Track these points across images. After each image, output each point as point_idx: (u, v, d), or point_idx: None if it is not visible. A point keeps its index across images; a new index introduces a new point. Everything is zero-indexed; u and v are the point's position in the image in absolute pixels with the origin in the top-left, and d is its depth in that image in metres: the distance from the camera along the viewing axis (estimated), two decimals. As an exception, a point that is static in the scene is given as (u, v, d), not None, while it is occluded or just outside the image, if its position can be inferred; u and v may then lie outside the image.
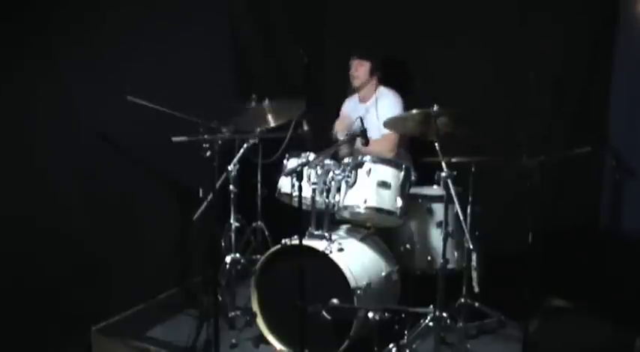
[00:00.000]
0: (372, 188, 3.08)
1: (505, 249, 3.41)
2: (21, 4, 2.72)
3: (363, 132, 3.09)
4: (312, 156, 3.22)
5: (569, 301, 3.31)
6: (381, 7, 3.98)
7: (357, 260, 3.04)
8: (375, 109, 3.64)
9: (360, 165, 3.12)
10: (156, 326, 3.41)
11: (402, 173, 3.13)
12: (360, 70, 3.71)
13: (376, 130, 3.56)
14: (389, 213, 3.09)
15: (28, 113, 2.83)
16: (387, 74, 3.78)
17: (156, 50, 3.41)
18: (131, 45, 3.25)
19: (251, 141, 3.28)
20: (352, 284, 2.86)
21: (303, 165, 2.77)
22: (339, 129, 3.76)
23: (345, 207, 3.12)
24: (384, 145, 3.58)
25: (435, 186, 3.38)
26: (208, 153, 2.83)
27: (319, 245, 2.98)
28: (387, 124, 3.23)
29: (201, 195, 3.10)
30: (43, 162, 2.90)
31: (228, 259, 3.45)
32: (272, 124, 3.51)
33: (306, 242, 2.96)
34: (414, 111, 3.03)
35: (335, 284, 2.88)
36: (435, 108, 2.93)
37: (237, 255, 3.49)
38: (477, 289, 3.08)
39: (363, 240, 3.25)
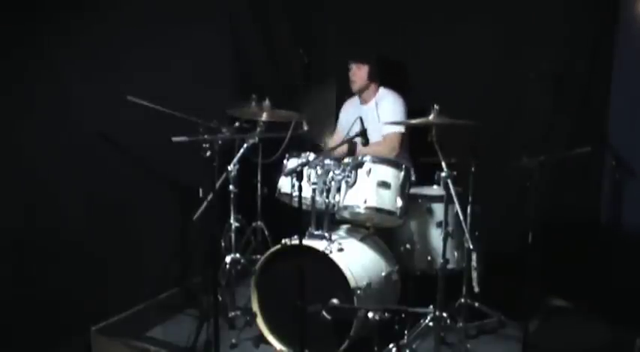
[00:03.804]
0: (372, 188, 3.08)
1: (505, 248, 3.41)
2: (21, 4, 2.72)
3: (364, 133, 3.09)
4: (312, 156, 3.22)
5: (569, 301, 3.32)
6: (380, 6, 3.98)
7: (357, 260, 3.04)
8: (376, 112, 3.64)
9: (360, 165, 3.12)
10: (156, 326, 3.42)
11: (402, 173, 3.13)
12: (358, 73, 3.68)
13: (377, 132, 3.56)
14: (389, 213, 3.09)
15: (27, 112, 2.82)
16: (387, 75, 3.77)
17: (156, 50, 3.40)
18: (131, 45, 3.24)
19: (251, 141, 3.27)
20: (352, 284, 2.86)
21: (303, 165, 2.77)
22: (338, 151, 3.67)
23: (345, 207, 3.12)
24: (384, 146, 3.58)
25: (435, 186, 3.38)
26: (208, 153, 2.83)
27: (319, 245, 2.98)
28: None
29: (201, 195, 3.10)
30: (43, 163, 2.89)
31: (228, 259, 3.45)
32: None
33: (306, 242, 2.96)
34: (413, 121, 3.09)
35: (335, 284, 2.88)
36: (434, 112, 2.95)
37: (237, 255, 3.48)
38: (477, 289, 3.09)
39: (363, 240, 3.25)
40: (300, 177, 2.58)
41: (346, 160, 3.21)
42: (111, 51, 3.14)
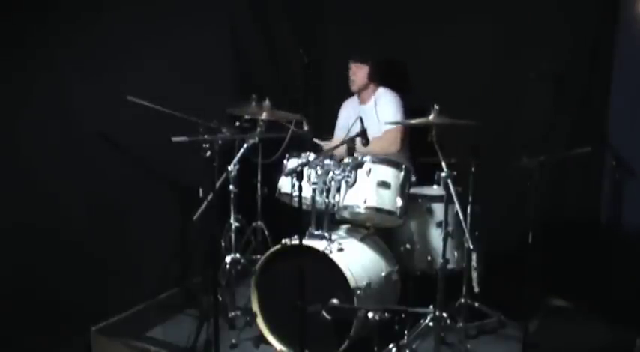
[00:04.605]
0: (372, 188, 3.08)
1: (505, 248, 3.41)
2: (20, 4, 2.72)
3: (364, 132, 3.09)
4: (312, 156, 3.22)
5: (569, 301, 3.31)
6: (380, 6, 3.98)
7: (357, 260, 3.04)
8: (374, 110, 3.65)
9: (360, 165, 3.12)
10: (156, 326, 3.42)
11: (402, 173, 3.13)
12: (358, 73, 3.71)
13: (377, 130, 3.56)
14: (389, 213, 3.09)
15: (26, 112, 2.82)
16: (387, 75, 3.78)
17: (156, 50, 3.41)
18: (132, 45, 3.24)
19: (251, 141, 3.27)
20: (352, 284, 2.86)
21: (303, 165, 2.77)
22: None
23: (345, 207, 3.12)
24: (385, 141, 3.58)
25: (435, 186, 3.38)
26: (208, 153, 2.83)
27: (319, 245, 2.98)
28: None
29: (201, 195, 3.10)
30: (42, 163, 2.89)
31: (228, 259, 3.45)
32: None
33: (306, 242, 2.96)
34: (413, 121, 3.10)
35: (335, 284, 2.88)
36: (434, 112, 2.95)
37: (237, 255, 3.48)
38: (477, 289, 3.09)
39: (363, 240, 3.25)
40: (300, 177, 2.57)
41: (346, 160, 3.20)
42: (111, 51, 3.14)
